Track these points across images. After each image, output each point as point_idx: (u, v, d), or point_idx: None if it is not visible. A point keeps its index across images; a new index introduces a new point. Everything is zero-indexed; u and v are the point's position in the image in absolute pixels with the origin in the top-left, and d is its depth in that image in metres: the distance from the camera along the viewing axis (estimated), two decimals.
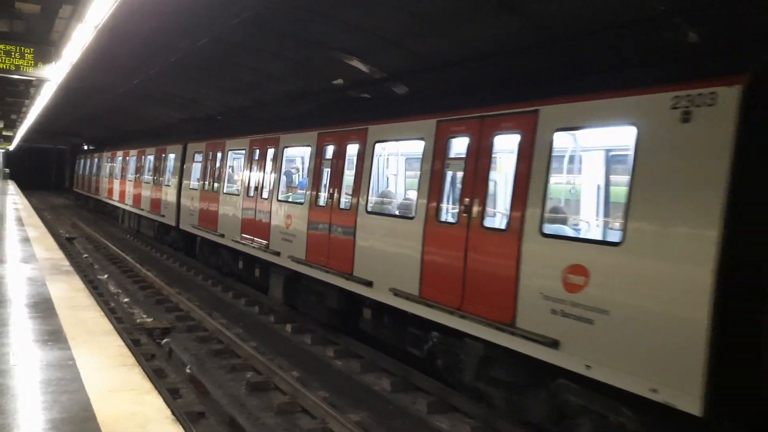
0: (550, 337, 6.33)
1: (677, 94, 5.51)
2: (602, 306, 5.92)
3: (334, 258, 10.30)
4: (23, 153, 60.86)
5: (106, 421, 4.44)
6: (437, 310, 7.92)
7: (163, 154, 21.52)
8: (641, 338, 5.57)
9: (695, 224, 5.32)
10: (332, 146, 10.96)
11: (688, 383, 5.13)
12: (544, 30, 8.99)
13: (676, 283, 5.38)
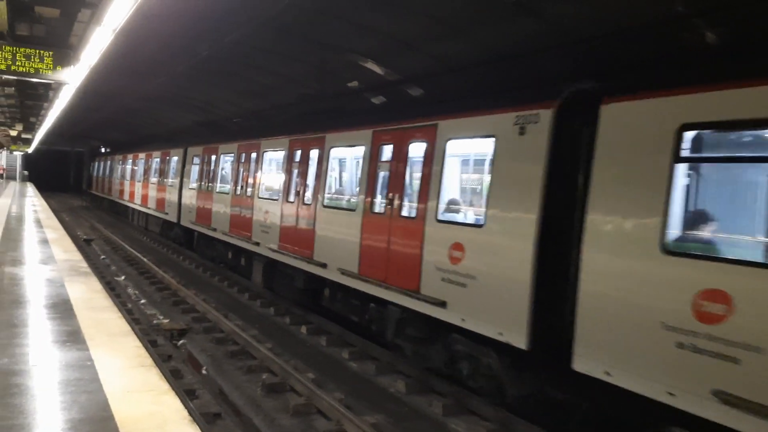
0: (440, 299, 8.32)
1: (518, 114, 7.46)
2: (472, 273, 7.87)
3: (300, 245, 12.26)
4: (42, 155, 61.61)
5: (125, 422, 4.47)
6: (371, 284, 9.84)
7: (167, 157, 23.36)
8: (494, 296, 7.53)
9: (524, 210, 7.21)
10: (300, 152, 12.93)
11: (518, 327, 7.09)
12: (561, 32, 8.95)
13: (513, 254, 7.27)
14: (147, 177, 26.35)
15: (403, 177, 9.44)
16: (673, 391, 5.54)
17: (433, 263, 8.46)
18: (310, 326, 12.57)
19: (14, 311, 7.53)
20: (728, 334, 5.15)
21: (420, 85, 12.49)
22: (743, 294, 5.10)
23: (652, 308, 5.74)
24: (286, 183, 13.11)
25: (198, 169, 19.40)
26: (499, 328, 7.38)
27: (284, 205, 13.11)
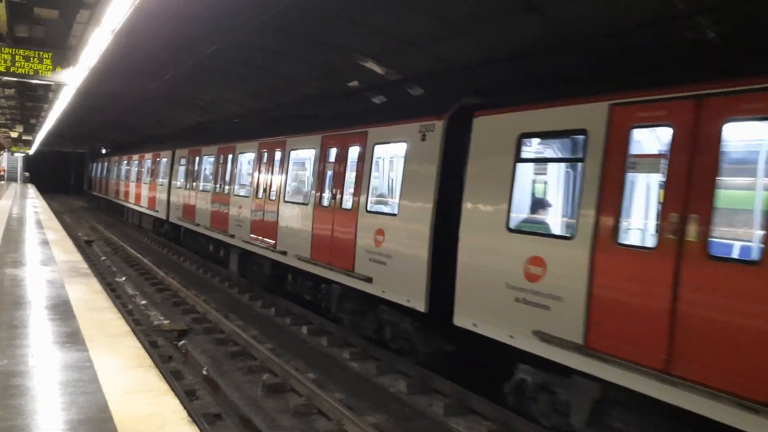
0: (368, 276, 9.92)
1: (421, 123, 9.21)
2: (389, 253, 9.54)
3: (266, 236, 13.90)
4: (43, 157, 61.70)
5: (124, 423, 4.45)
6: (320, 267, 11.42)
7: (157, 159, 25.03)
8: (403, 271, 9.19)
9: (424, 200, 8.92)
10: (266, 153, 14.56)
11: (419, 294, 8.78)
12: (565, 31, 8.94)
13: (416, 236, 8.95)
14: (140, 177, 28.04)
15: (343, 175, 11.04)
16: (513, 335, 7.31)
17: (364, 247, 10.15)
18: (311, 326, 12.56)
19: (14, 312, 7.52)
20: (543, 288, 6.95)
21: (420, 84, 12.48)
22: (552, 258, 6.92)
23: (500, 273, 7.50)
24: (256, 181, 14.84)
25: (184, 170, 21.03)
26: (407, 296, 9.12)
27: (254, 201, 14.80)
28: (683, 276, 5.60)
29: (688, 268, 5.58)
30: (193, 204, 19.67)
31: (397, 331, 9.94)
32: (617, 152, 6.36)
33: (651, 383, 5.74)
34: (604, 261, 6.32)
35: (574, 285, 6.55)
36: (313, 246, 11.72)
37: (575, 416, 6.79)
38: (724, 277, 5.36)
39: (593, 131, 6.60)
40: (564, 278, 6.73)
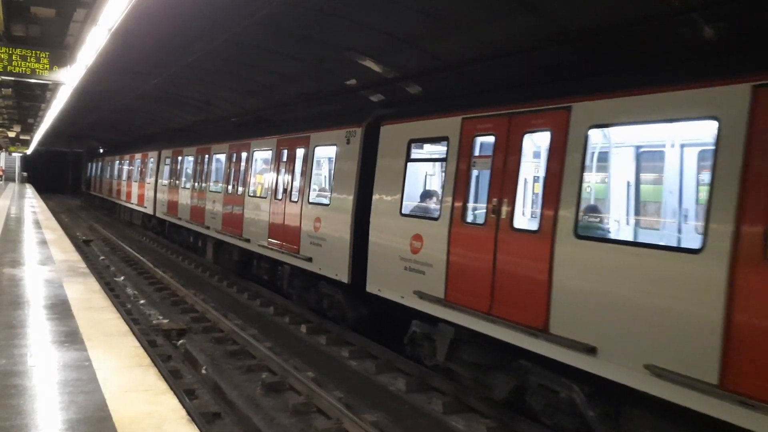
0: (309, 257, 11.82)
1: (347, 130, 11.09)
2: (324, 237, 11.41)
3: (235, 227, 15.78)
4: (41, 157, 61.60)
5: (122, 422, 4.46)
6: (275, 251, 13.35)
7: (146, 159, 26.97)
8: (333, 251, 11.03)
9: (348, 193, 10.80)
10: (235, 154, 16.46)
11: (344, 269, 10.65)
12: (560, 28, 8.94)
13: (342, 222, 10.83)
14: (130, 176, 30.04)
15: (292, 172, 12.92)
16: (403, 295, 9.15)
17: (306, 232, 12.04)
18: (309, 325, 12.57)
19: (13, 312, 7.52)
20: (421, 258, 8.81)
21: (417, 82, 12.48)
22: (427, 235, 8.75)
23: (395, 248, 9.35)
24: (226, 178, 16.84)
25: (168, 169, 23.00)
26: (336, 271, 10.95)
27: (225, 196, 16.74)
28: (500, 243, 7.51)
29: (501, 237, 7.52)
30: (175, 200, 21.63)
31: (332, 301, 11.81)
32: (465, 154, 8.28)
33: (482, 323, 7.65)
34: (456, 235, 8.25)
35: (439, 254, 8.45)
36: (269, 233, 13.68)
37: (439, 354, 8.63)
38: (520, 243, 7.31)
39: (452, 138, 8.54)
40: (433, 250, 8.60)
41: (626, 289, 6.05)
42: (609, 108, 6.54)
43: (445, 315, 8.30)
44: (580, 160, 6.68)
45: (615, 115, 6.52)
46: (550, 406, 7.18)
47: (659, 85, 6.07)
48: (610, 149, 7.56)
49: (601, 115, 6.61)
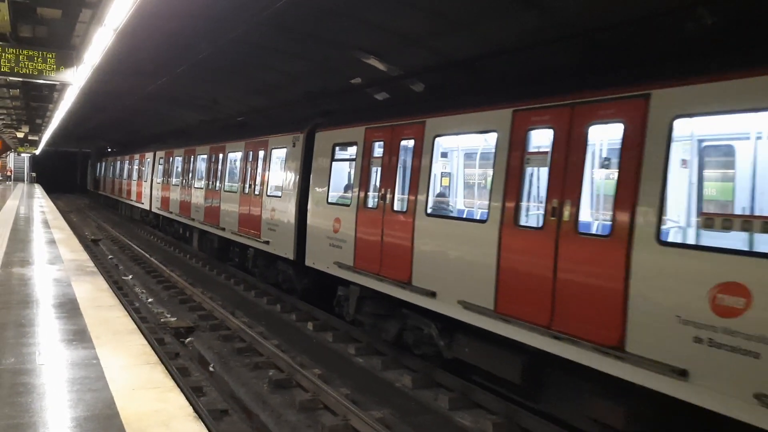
0: (267, 240, 14.37)
1: (293, 135, 13.47)
2: (277, 223, 13.92)
3: (214, 219, 18.29)
4: (49, 157, 61.88)
5: (130, 419, 4.50)
6: (243, 237, 15.96)
7: (143, 159, 29.59)
8: (283, 234, 13.49)
9: (293, 187, 13.19)
10: (213, 155, 18.95)
11: (290, 248, 13.01)
12: (564, 25, 8.93)
13: (289, 211, 13.23)
14: (130, 175, 32.78)
15: (255, 170, 15.51)
16: (328, 266, 11.53)
17: (265, 220, 14.56)
18: (316, 323, 12.61)
19: (22, 311, 7.59)
20: (339, 236, 11.18)
21: (421, 79, 12.48)
22: (343, 218, 11.10)
23: (324, 229, 11.75)
24: (207, 176, 19.39)
25: (161, 169, 25.61)
26: (285, 251, 13.40)
27: (206, 192, 19.22)
28: (385, 222, 9.92)
29: (386, 218, 9.94)
30: (167, 196, 24.23)
31: (285, 276, 14.37)
32: (367, 156, 10.71)
33: (376, 283, 10.04)
34: (360, 218, 10.61)
35: (350, 232, 10.83)
36: (239, 223, 16.18)
37: (351, 308, 11.11)
38: (395, 222, 9.71)
39: (358, 143, 10.99)
40: (347, 229, 10.98)
41: (450, 249, 8.57)
42: (444, 122, 9.11)
43: (354, 278, 10.76)
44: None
45: (449, 127, 9.20)
46: (417, 340, 9.71)
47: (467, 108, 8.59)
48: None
49: (442, 126, 9.15)
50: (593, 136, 6.90)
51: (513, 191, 7.55)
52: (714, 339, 5.40)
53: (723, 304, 5.39)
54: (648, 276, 5.92)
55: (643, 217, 6.01)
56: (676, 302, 5.69)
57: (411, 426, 7.95)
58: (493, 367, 8.20)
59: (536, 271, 7.04)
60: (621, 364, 6.04)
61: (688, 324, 5.57)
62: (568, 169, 6.81)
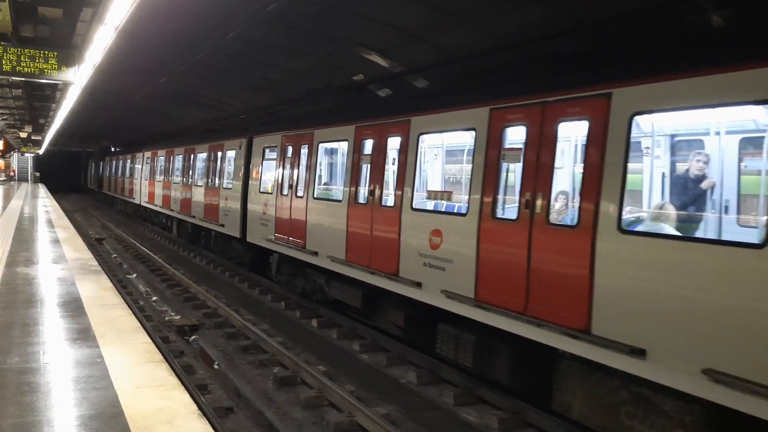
0: (222, 224, 17.75)
1: (239, 140, 16.93)
2: (229, 210, 17.29)
3: (187, 209, 21.63)
4: (53, 157, 61.99)
5: (134, 417, 4.50)
6: (207, 223, 19.36)
7: (135, 158, 33.04)
8: (234, 218, 16.80)
9: (239, 180, 16.63)
10: (188, 155, 22.24)
11: (237, 229, 16.52)
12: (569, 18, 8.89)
13: (237, 200, 16.58)
14: (124, 174, 36.49)
15: (216, 168, 18.87)
16: (260, 241, 14.77)
17: (222, 208, 17.88)
18: (320, 320, 12.61)
19: (26, 310, 7.59)
20: (266, 217, 14.41)
21: (425, 75, 12.45)
22: (269, 204, 14.20)
23: (257, 212, 15.07)
24: (183, 173, 22.62)
25: (149, 168, 28.95)
26: (234, 231, 16.73)
27: (182, 186, 22.47)
28: (292, 205, 13.24)
29: (294, 202, 13.15)
30: (153, 191, 27.74)
31: (237, 251, 17.80)
32: (282, 156, 13.92)
33: (287, 249, 13.35)
34: (278, 201, 13.86)
35: (272, 213, 14.15)
36: (204, 211, 19.57)
37: (274, 271, 14.89)
38: (296, 203, 13.06)
39: (277, 147, 14.26)
40: (270, 210, 14.22)
41: (326, 221, 11.87)
42: (325, 133, 12.39)
43: (274, 248, 14.20)
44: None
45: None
46: (314, 289, 13.17)
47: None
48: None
49: (323, 136, 12.37)
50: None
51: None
52: (430, 262, 8.81)
53: (433, 242, 8.76)
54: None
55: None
56: (412, 242, 9.15)
57: (416, 422, 7.94)
58: (348, 299, 11.52)
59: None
60: (397, 285, 9.46)
61: (420, 256, 8.95)
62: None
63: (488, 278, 7.72)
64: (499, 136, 7.77)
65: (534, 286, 7.02)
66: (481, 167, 7.98)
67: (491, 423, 7.87)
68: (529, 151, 7.28)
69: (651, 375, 5.81)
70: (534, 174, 7.19)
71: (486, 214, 7.81)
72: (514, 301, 7.24)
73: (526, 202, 7.18)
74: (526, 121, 7.41)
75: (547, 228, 6.94)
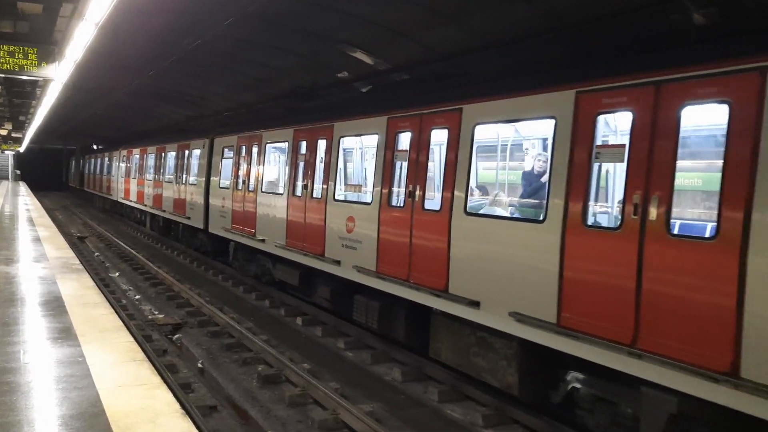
0: (189, 216, 19.75)
1: (203, 140, 18.62)
2: (194, 204, 19.05)
3: (159, 203, 23.39)
4: (34, 154, 61.21)
5: (116, 416, 4.46)
6: (175, 216, 21.07)
7: (112, 156, 34.55)
8: (198, 211, 18.48)
9: (203, 177, 18.31)
10: (161, 154, 23.82)
11: (201, 221, 18.22)
12: (554, 17, 8.92)
13: (200, 195, 18.32)
14: (102, 171, 38.17)
15: (182, 165, 20.38)
16: (220, 231, 16.64)
17: (188, 202, 19.49)
18: (305, 317, 12.58)
19: (6, 309, 7.51)
20: (225, 210, 16.26)
21: (409, 73, 12.44)
22: (227, 197, 16.21)
23: (218, 206, 16.71)
24: (155, 170, 24.32)
25: (124, 165, 30.50)
26: (199, 223, 18.22)
27: (154, 182, 24.25)
28: (233, 198, 15.71)
29: (247, 195, 14.87)
30: (128, 188, 29.26)
31: (202, 242, 19.35)
32: (237, 154, 15.59)
33: (239, 237, 15.19)
34: (234, 196, 15.55)
35: (229, 206, 15.81)
36: (174, 205, 21.16)
37: (232, 257, 16.69)
38: (236, 194, 15.64)
39: (235, 147, 15.76)
40: (228, 204, 15.89)
41: (272, 212, 13.49)
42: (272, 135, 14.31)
43: (231, 237, 15.93)
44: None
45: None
46: (263, 273, 14.88)
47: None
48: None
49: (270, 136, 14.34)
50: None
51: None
52: (345, 243, 10.40)
53: (349, 226, 10.32)
54: (330, 215, 11.20)
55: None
56: (334, 227, 10.81)
57: (401, 419, 7.94)
58: (289, 279, 13.08)
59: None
60: (324, 263, 11.08)
61: (340, 239, 10.57)
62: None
63: (385, 254, 9.43)
64: (393, 140, 9.46)
65: (414, 259, 8.75)
66: (381, 165, 9.67)
67: (476, 419, 7.89)
68: (413, 152, 8.99)
69: (483, 320, 7.62)
70: (416, 170, 8.89)
71: (384, 203, 9.50)
72: (401, 271, 8.98)
73: (409, 193, 8.89)
74: (411, 128, 9.12)
75: (422, 212, 8.71)
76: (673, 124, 5.65)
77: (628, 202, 5.88)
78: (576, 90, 6.55)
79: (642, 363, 5.63)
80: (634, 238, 5.78)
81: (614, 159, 6.57)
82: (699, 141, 6.69)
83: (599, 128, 6.52)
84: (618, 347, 5.82)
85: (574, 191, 6.42)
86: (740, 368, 5.02)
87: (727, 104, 5.32)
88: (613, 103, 6.26)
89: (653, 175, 5.71)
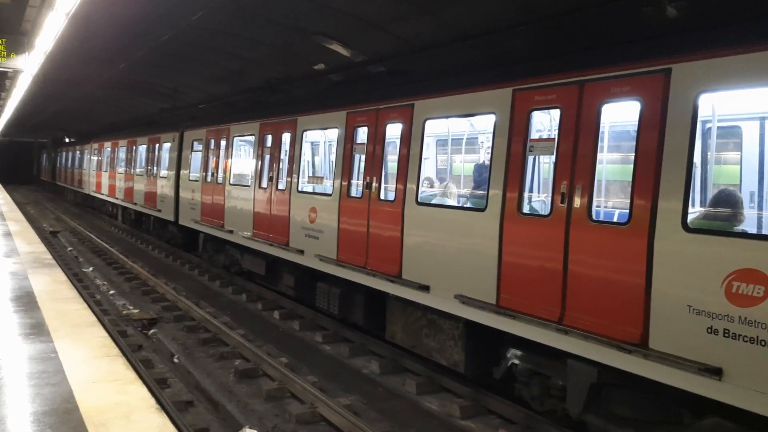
0: (159, 209, 19.91)
1: (173, 133, 18.87)
2: (164, 197, 19.18)
3: (131, 196, 23.40)
4: (3, 147, 59.99)
5: (89, 412, 4.39)
6: (147, 209, 21.34)
7: (83, 149, 34.52)
8: (168, 204, 18.75)
9: (173, 170, 18.64)
10: (139, 146, 23.12)
11: (171, 213, 18.52)
12: (527, 9, 8.94)
13: (170, 188, 18.62)
14: (74, 164, 37.95)
15: (153, 158, 20.56)
16: (189, 223, 17.00)
17: (158, 195, 19.75)
18: (282, 311, 12.52)
19: None
20: (194, 202, 16.53)
21: (385, 65, 12.40)
22: (197, 189, 16.46)
23: (188, 198, 17.03)
24: (126, 163, 24.43)
25: (96, 158, 30.61)
26: (170, 216, 18.49)
27: (125, 176, 24.35)
28: (206, 191, 15.80)
29: (213, 187, 15.41)
30: (99, 181, 29.62)
31: (172, 234, 19.78)
32: (206, 148, 15.95)
33: (209, 228, 15.50)
34: (203, 189, 15.87)
35: (198, 198, 16.09)
36: (145, 198, 21.37)
37: (201, 249, 17.15)
38: (215, 188, 15.41)
39: (204, 141, 16.12)
40: (197, 197, 16.23)
41: (239, 204, 13.84)
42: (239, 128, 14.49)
43: (200, 228, 16.24)
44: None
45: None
46: (231, 263, 15.22)
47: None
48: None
49: (238, 129, 14.63)
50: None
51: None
52: (308, 233, 10.80)
53: (311, 217, 10.72)
54: (294, 206, 11.51)
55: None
56: (298, 218, 11.18)
57: (379, 412, 7.95)
58: (256, 268, 13.51)
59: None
60: (288, 253, 11.44)
61: (303, 229, 10.95)
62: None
63: (344, 243, 9.82)
64: (352, 134, 9.82)
65: (371, 247, 9.14)
66: (341, 158, 10.02)
67: (453, 411, 7.93)
68: (370, 145, 9.37)
69: (433, 303, 8.03)
70: (372, 163, 9.27)
71: (343, 194, 9.88)
72: (359, 259, 9.38)
73: (366, 184, 9.29)
74: (368, 122, 9.50)
75: (378, 203, 9.10)
76: (594, 120, 6.16)
77: (557, 192, 6.39)
78: (513, 88, 7.08)
79: (568, 338, 6.13)
80: (561, 225, 6.31)
81: (545, 152, 6.97)
82: (616, 135, 7.17)
83: (533, 123, 6.98)
84: (548, 324, 6.32)
85: (511, 182, 6.95)
86: (649, 340, 5.55)
87: (639, 102, 5.82)
88: (545, 101, 6.76)
89: (577, 167, 6.23)
